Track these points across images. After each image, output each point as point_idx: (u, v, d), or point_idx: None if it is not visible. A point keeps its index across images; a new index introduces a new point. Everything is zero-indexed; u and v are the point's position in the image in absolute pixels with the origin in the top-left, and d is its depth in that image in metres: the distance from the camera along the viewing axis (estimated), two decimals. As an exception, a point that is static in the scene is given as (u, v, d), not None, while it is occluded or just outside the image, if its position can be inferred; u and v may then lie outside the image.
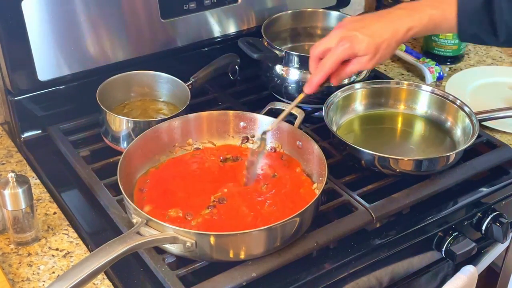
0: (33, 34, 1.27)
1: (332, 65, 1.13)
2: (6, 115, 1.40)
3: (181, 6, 1.43)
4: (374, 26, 1.13)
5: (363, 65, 1.13)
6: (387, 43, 1.12)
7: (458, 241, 1.23)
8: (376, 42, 1.11)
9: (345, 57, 1.13)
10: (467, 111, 1.33)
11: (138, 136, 1.19)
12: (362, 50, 1.11)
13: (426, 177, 1.24)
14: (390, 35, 1.12)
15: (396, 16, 1.14)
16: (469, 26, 1.10)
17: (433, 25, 1.12)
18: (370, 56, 1.12)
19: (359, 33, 1.11)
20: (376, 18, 1.16)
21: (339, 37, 1.13)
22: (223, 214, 1.09)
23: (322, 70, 1.13)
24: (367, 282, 1.17)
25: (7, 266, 1.09)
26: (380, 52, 1.12)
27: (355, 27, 1.14)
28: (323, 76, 1.14)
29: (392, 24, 1.12)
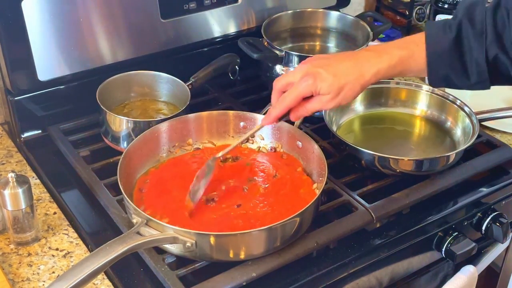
0: (33, 34, 1.27)
1: (292, 100, 1.08)
2: (6, 115, 1.40)
3: (181, 6, 1.43)
4: (341, 66, 1.08)
5: (324, 104, 1.07)
6: (351, 85, 1.06)
7: (458, 241, 1.23)
8: (339, 83, 1.06)
9: (306, 93, 1.07)
10: (467, 111, 1.33)
11: (138, 136, 1.19)
12: (324, 89, 1.05)
13: (426, 177, 1.24)
14: (355, 77, 1.07)
15: (364, 58, 1.09)
16: (440, 67, 1.06)
17: (401, 66, 1.07)
18: (332, 96, 1.06)
19: (323, 71, 1.06)
20: (344, 57, 1.11)
21: (303, 72, 1.08)
22: (216, 213, 1.10)
23: (282, 104, 1.09)
24: (367, 282, 1.17)
25: (7, 266, 1.09)
26: (343, 93, 1.07)
27: (321, 64, 1.09)
28: (282, 111, 1.10)
29: (359, 66, 1.07)
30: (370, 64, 1.07)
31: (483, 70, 1.02)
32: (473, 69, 1.03)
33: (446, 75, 1.05)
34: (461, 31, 1.02)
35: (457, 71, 1.04)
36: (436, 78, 1.07)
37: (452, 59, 1.04)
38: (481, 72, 1.02)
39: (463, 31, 1.02)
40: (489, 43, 1.00)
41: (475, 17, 1.02)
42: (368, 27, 1.51)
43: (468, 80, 1.04)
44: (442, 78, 1.06)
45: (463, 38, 1.02)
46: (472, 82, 1.04)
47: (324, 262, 1.10)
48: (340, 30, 1.60)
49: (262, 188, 1.16)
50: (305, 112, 1.09)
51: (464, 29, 1.02)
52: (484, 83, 1.04)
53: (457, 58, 1.03)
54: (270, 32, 1.50)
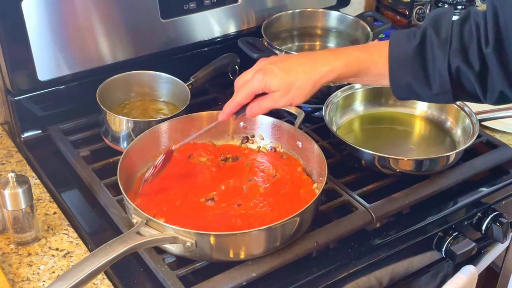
0: (33, 34, 1.27)
1: (244, 96, 1.07)
2: (6, 115, 1.40)
3: (181, 6, 1.43)
4: (293, 63, 1.06)
5: (275, 101, 1.05)
6: (301, 82, 1.04)
7: (458, 241, 1.23)
8: (289, 79, 1.03)
9: (257, 89, 1.05)
10: (467, 111, 1.33)
11: (138, 136, 1.19)
12: (274, 85, 1.04)
13: (426, 177, 1.24)
14: (306, 75, 1.04)
15: (320, 57, 1.07)
16: (402, 74, 1.02)
17: (358, 67, 1.04)
18: (282, 93, 1.04)
19: (275, 67, 1.04)
20: (300, 56, 1.10)
21: (256, 69, 1.08)
22: (216, 213, 1.10)
23: (234, 100, 1.08)
24: (367, 282, 1.17)
25: (7, 266, 1.09)
26: (293, 90, 1.04)
27: (275, 61, 1.07)
28: (234, 106, 1.08)
29: (312, 63, 1.05)
30: (325, 62, 1.05)
31: (445, 80, 0.98)
32: (435, 78, 0.99)
33: (408, 83, 1.02)
34: (425, 39, 0.99)
35: (419, 80, 1.00)
36: (398, 87, 1.03)
37: (414, 67, 1.00)
38: (443, 83, 0.99)
39: (427, 39, 0.99)
40: (453, 53, 0.97)
41: (441, 26, 0.99)
42: (368, 27, 1.51)
43: (430, 90, 1.00)
44: (404, 86, 1.02)
45: (427, 46, 0.99)
46: (434, 93, 1.00)
47: (324, 262, 1.10)
48: (340, 30, 1.60)
49: (262, 188, 1.16)
50: (259, 109, 1.07)
51: (428, 37, 0.99)
52: (446, 94, 1.00)
53: (420, 66, 1.00)
54: (270, 32, 1.51)
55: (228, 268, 1.02)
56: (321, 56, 1.07)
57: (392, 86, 1.04)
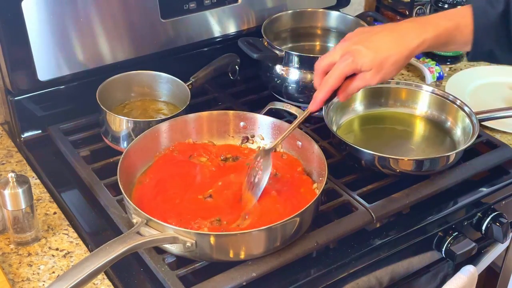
0: (33, 34, 1.27)
1: (335, 81, 1.06)
2: (6, 115, 1.40)
3: (181, 6, 1.43)
4: (381, 40, 1.05)
5: (367, 81, 1.05)
6: (394, 58, 1.04)
7: (458, 241, 1.23)
8: (381, 57, 1.03)
9: (348, 72, 1.05)
10: (467, 111, 1.33)
11: (138, 136, 1.19)
12: (366, 65, 1.04)
13: (426, 177, 1.24)
14: (398, 50, 1.04)
15: (407, 29, 1.06)
16: (485, 40, 1.02)
17: (446, 38, 1.04)
18: (374, 72, 1.04)
19: (363, 47, 1.04)
20: (384, 30, 1.08)
21: (343, 51, 1.06)
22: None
23: (326, 87, 1.07)
24: (367, 282, 1.17)
25: (7, 266, 1.09)
26: (386, 68, 1.04)
27: (361, 39, 1.06)
28: (327, 93, 1.08)
29: (402, 38, 1.05)
30: (414, 35, 1.05)
31: None
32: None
33: (490, 50, 1.02)
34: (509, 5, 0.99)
35: (502, 46, 1.01)
36: (479, 53, 1.04)
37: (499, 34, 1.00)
38: None
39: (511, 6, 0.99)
40: None
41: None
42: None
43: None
44: (486, 53, 1.03)
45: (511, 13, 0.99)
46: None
47: (324, 262, 1.10)
48: (340, 30, 1.60)
49: None
50: (352, 91, 1.07)
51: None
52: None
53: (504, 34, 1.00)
54: (270, 32, 1.50)
55: (228, 268, 1.02)
56: (408, 29, 1.07)
57: (473, 53, 1.05)
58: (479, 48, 1.03)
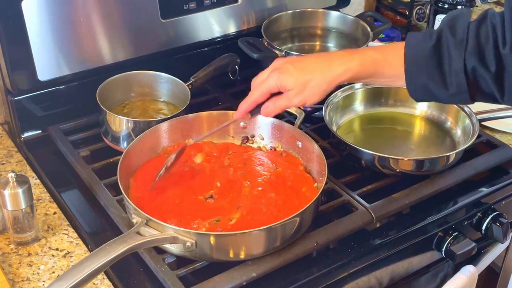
0: (33, 34, 1.27)
1: (259, 94, 1.07)
2: (6, 115, 1.40)
3: (181, 6, 1.43)
4: (309, 62, 1.07)
5: (289, 100, 1.06)
6: (317, 81, 1.04)
7: (458, 241, 1.23)
8: (305, 78, 1.04)
9: (272, 87, 1.06)
10: (467, 111, 1.33)
11: (138, 136, 1.19)
12: (289, 84, 1.05)
13: (426, 177, 1.24)
14: (321, 74, 1.04)
15: (335, 56, 1.08)
16: (418, 75, 1.01)
17: (374, 68, 1.04)
18: (296, 91, 1.05)
19: (291, 66, 1.06)
20: (317, 56, 1.11)
21: (272, 68, 1.08)
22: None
23: (250, 99, 1.09)
24: (367, 282, 1.17)
25: (7, 266, 1.09)
26: (307, 89, 1.04)
27: (292, 60, 1.09)
28: (249, 105, 1.09)
29: (328, 64, 1.06)
30: (341, 61, 1.06)
31: (461, 80, 0.98)
32: (451, 78, 0.99)
33: (424, 84, 1.01)
34: (441, 39, 0.99)
35: (435, 80, 1.00)
36: (414, 88, 1.03)
37: (430, 67, 1.00)
38: (460, 83, 0.99)
39: (443, 39, 0.99)
40: (469, 53, 0.97)
41: (456, 27, 0.99)
42: (368, 27, 1.51)
43: (447, 90, 1.00)
44: (421, 87, 1.02)
45: (443, 46, 0.99)
46: (451, 93, 1.00)
47: (324, 262, 1.10)
48: (340, 30, 1.60)
49: (262, 178, 1.17)
50: (274, 108, 1.08)
51: (444, 37, 0.99)
52: (463, 94, 1.00)
53: (436, 67, 1.00)
54: (270, 32, 1.50)
55: (228, 268, 1.02)
56: (337, 56, 1.08)
57: (409, 87, 1.03)
58: (413, 82, 1.02)
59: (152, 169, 1.18)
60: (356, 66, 1.05)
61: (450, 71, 0.99)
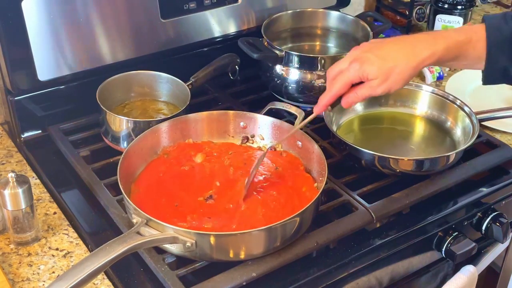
0: (33, 34, 1.27)
1: (340, 86, 1.05)
2: (6, 115, 1.40)
3: (181, 6, 1.43)
4: (391, 49, 1.03)
5: (373, 89, 1.04)
6: (401, 68, 1.02)
7: (458, 241, 1.23)
8: (388, 66, 1.01)
9: (354, 79, 1.04)
10: (467, 111, 1.33)
11: (138, 136, 1.19)
12: (372, 73, 1.02)
13: (426, 177, 1.24)
14: (406, 60, 1.02)
15: (417, 41, 1.04)
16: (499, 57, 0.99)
17: (457, 51, 1.02)
18: (380, 81, 1.03)
19: (372, 55, 1.03)
20: (396, 41, 1.07)
21: (352, 58, 1.05)
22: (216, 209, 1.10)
23: (331, 91, 1.06)
24: (367, 282, 1.17)
25: (7, 266, 1.09)
26: (392, 77, 1.02)
27: (371, 48, 1.05)
28: (331, 97, 1.07)
29: (411, 49, 1.03)
30: (424, 46, 1.03)
31: None
32: None
33: (504, 67, 0.99)
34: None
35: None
36: (493, 71, 1.01)
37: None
38: None
39: None
40: None
41: None
42: (368, 27, 1.51)
43: None
44: (500, 70, 1.00)
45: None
46: None
47: (324, 262, 1.10)
48: (340, 30, 1.60)
49: (263, 177, 1.17)
50: (356, 98, 1.06)
51: None
52: None
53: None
54: (270, 32, 1.50)
55: (228, 268, 1.02)
56: (420, 40, 1.05)
57: (487, 70, 1.02)
58: (492, 64, 1.01)
59: (153, 174, 1.18)
60: (441, 49, 1.02)
61: None
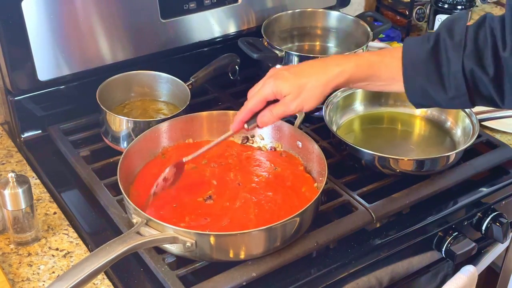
0: (33, 34, 1.27)
1: (255, 103, 1.06)
2: (6, 115, 1.40)
3: (181, 6, 1.43)
4: (304, 67, 1.06)
5: (286, 106, 1.04)
6: (312, 84, 1.03)
7: (458, 241, 1.23)
8: (300, 81, 1.03)
9: (268, 94, 1.05)
10: (467, 111, 1.33)
11: (138, 136, 1.19)
12: (285, 89, 1.03)
13: (426, 177, 1.24)
14: (317, 77, 1.03)
15: (332, 60, 1.07)
16: (415, 76, 1.00)
17: (370, 70, 1.03)
18: (293, 96, 1.03)
19: (286, 72, 1.05)
20: (313, 60, 1.09)
21: (267, 76, 1.07)
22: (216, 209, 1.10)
23: (246, 108, 1.07)
24: (367, 282, 1.17)
25: (7, 266, 1.09)
26: (304, 92, 1.03)
27: (288, 67, 1.08)
28: (246, 114, 1.07)
29: (323, 66, 1.05)
30: (336, 63, 1.05)
31: (460, 83, 0.98)
32: (450, 81, 0.98)
33: (423, 87, 1.01)
34: (438, 42, 0.99)
35: (434, 83, 0.99)
36: (413, 91, 1.02)
37: (429, 70, 0.99)
38: (459, 86, 0.98)
39: (441, 42, 0.99)
40: (467, 56, 0.96)
41: (454, 30, 0.98)
42: (368, 27, 1.51)
43: (446, 93, 0.99)
44: (419, 90, 1.01)
45: (441, 49, 0.99)
46: (450, 96, 0.99)
47: (324, 262, 1.10)
48: (340, 30, 1.60)
49: (263, 178, 1.17)
50: (271, 117, 1.06)
51: (442, 40, 0.99)
52: (462, 97, 0.99)
53: (434, 69, 0.99)
54: (270, 32, 1.51)
55: (228, 268, 1.02)
56: (333, 59, 1.07)
57: (407, 91, 1.03)
58: (410, 84, 1.01)
59: (150, 175, 1.18)
60: (352, 67, 1.04)
61: (449, 74, 0.98)
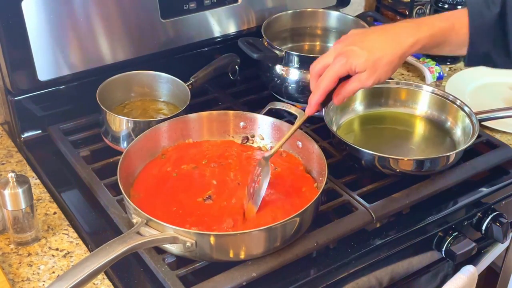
0: (33, 34, 1.27)
1: (329, 83, 1.04)
2: (6, 115, 1.40)
3: (181, 6, 1.43)
4: (375, 40, 1.04)
5: (362, 82, 1.03)
6: (388, 58, 1.02)
7: (458, 241, 1.23)
8: (374, 57, 1.01)
9: (342, 73, 1.03)
10: (467, 111, 1.33)
11: (138, 136, 1.19)
12: (360, 66, 1.02)
13: (426, 177, 1.24)
14: (392, 50, 1.02)
15: (401, 29, 1.05)
16: (481, 42, 1.00)
17: (441, 38, 1.02)
18: (369, 73, 1.02)
19: (357, 48, 1.02)
20: (378, 31, 1.07)
21: (336, 53, 1.04)
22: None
23: (319, 89, 1.05)
24: (367, 282, 1.17)
25: (7, 266, 1.09)
26: (380, 68, 1.02)
27: (354, 41, 1.05)
28: (321, 95, 1.06)
29: (395, 38, 1.03)
30: (408, 34, 1.03)
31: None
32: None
33: (487, 52, 1.00)
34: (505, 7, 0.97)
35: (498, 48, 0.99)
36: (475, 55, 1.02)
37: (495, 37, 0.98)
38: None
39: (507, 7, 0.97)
40: None
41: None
42: (368, 27, 1.51)
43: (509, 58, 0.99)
44: (482, 55, 1.01)
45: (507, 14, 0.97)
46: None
47: (324, 262, 1.10)
48: (340, 30, 1.60)
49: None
50: (347, 93, 1.05)
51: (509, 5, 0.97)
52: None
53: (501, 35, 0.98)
54: (270, 32, 1.50)
55: (228, 268, 1.02)
56: (402, 29, 1.05)
57: (469, 55, 1.03)
58: (475, 50, 1.01)
59: (150, 175, 1.18)
60: (425, 37, 1.03)
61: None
